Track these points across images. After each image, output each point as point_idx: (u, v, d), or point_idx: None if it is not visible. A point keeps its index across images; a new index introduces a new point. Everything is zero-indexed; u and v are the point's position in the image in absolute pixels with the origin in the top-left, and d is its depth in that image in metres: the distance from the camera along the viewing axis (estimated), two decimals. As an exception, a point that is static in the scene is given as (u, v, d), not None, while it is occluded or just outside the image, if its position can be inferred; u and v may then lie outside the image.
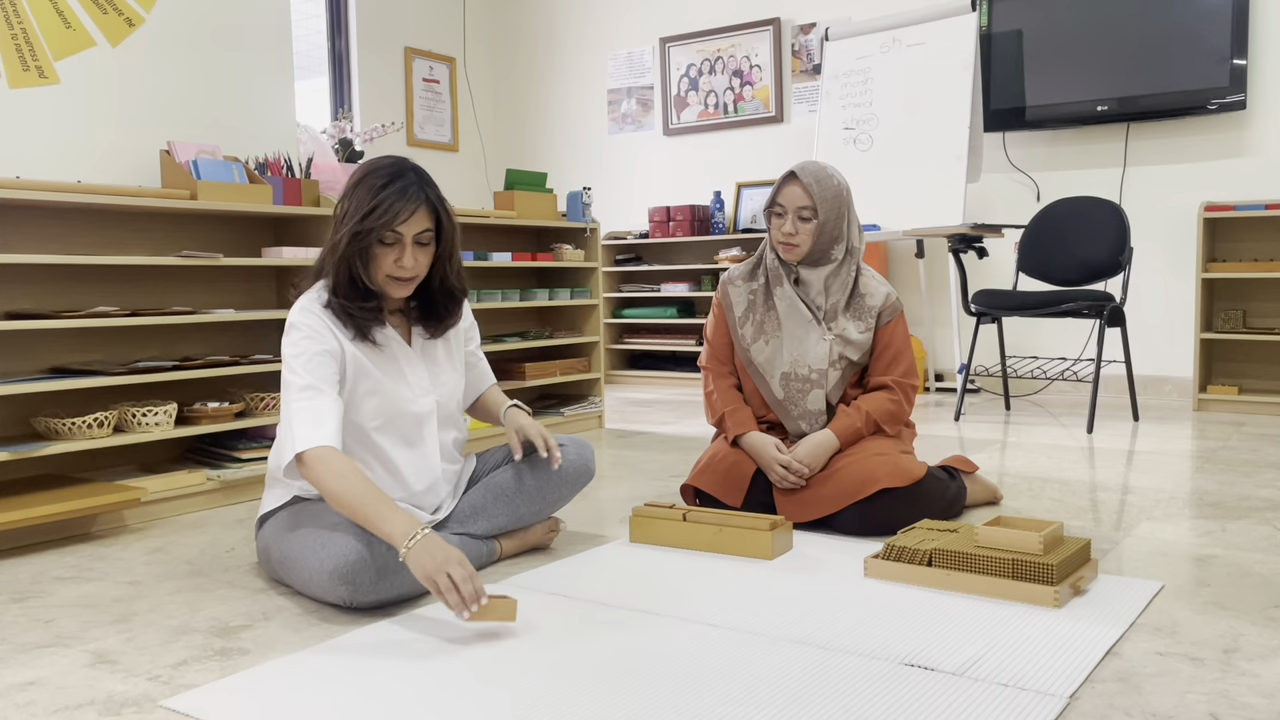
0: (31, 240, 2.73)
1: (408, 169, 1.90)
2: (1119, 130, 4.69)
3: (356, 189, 1.89)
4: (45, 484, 2.53)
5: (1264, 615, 1.72)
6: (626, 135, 6.20)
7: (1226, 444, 3.45)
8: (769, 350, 2.48)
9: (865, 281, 2.52)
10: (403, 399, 1.99)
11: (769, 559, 2.08)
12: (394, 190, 1.85)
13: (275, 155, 3.26)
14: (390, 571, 1.77)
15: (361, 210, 1.85)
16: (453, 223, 1.97)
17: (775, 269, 2.49)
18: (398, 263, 1.88)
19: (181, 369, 2.77)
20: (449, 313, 2.05)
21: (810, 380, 2.45)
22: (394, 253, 1.88)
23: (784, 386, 2.47)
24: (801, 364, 2.45)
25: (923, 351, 5.13)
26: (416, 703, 1.42)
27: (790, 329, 2.47)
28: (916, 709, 1.36)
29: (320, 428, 1.80)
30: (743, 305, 2.53)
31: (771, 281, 2.50)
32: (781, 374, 2.47)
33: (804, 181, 2.40)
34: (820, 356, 2.44)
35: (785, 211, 2.42)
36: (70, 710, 1.43)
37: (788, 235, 2.41)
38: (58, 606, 1.91)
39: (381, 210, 1.84)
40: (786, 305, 2.47)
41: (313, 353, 1.87)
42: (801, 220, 2.40)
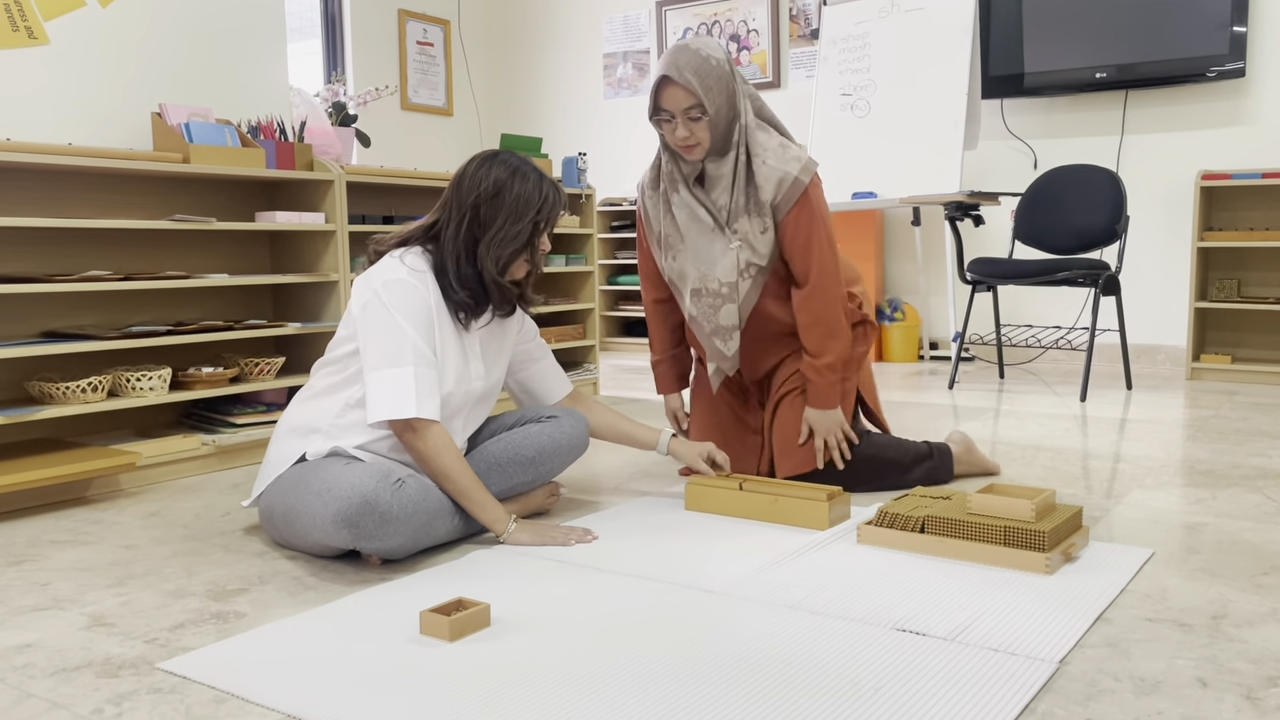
0: (22, 203, 2.71)
1: (543, 174, 2.05)
2: (1117, 98, 4.67)
3: (514, 181, 1.99)
4: (40, 448, 2.53)
5: (1253, 582, 1.73)
6: (622, 100, 6.16)
7: (1219, 413, 3.46)
8: (677, 265, 2.31)
9: (759, 167, 2.22)
10: (460, 377, 2.04)
11: (824, 529, 2.08)
12: (549, 182, 2.03)
13: (268, 118, 3.23)
14: (392, 518, 1.79)
15: (535, 204, 2.00)
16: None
17: (669, 172, 2.27)
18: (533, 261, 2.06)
19: (175, 334, 2.76)
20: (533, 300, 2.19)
21: (721, 295, 2.26)
22: (543, 239, 2.05)
23: (695, 303, 2.31)
24: (710, 278, 2.26)
25: (917, 319, 5.14)
26: (413, 665, 1.43)
27: (692, 240, 2.27)
28: (908, 673, 1.37)
29: (435, 399, 1.92)
30: (656, 215, 2.36)
31: (667, 187, 2.28)
32: (692, 290, 2.30)
33: (681, 81, 2.14)
34: (728, 268, 2.23)
35: (673, 116, 2.18)
36: (67, 672, 1.44)
37: (683, 140, 2.19)
38: (54, 570, 1.92)
39: (552, 200, 2.02)
40: (686, 214, 2.27)
41: (426, 322, 1.95)
42: (693, 120, 2.17)
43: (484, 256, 2.00)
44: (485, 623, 1.57)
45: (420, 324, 1.94)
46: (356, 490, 1.77)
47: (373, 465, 1.86)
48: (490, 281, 2.02)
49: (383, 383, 1.90)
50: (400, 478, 1.85)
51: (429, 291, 1.98)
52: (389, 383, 1.89)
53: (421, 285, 1.97)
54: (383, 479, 1.80)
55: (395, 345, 1.90)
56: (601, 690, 1.34)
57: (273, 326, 2.94)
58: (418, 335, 1.92)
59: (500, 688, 1.35)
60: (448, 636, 1.51)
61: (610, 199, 5.99)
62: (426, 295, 1.97)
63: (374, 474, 1.80)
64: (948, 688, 1.33)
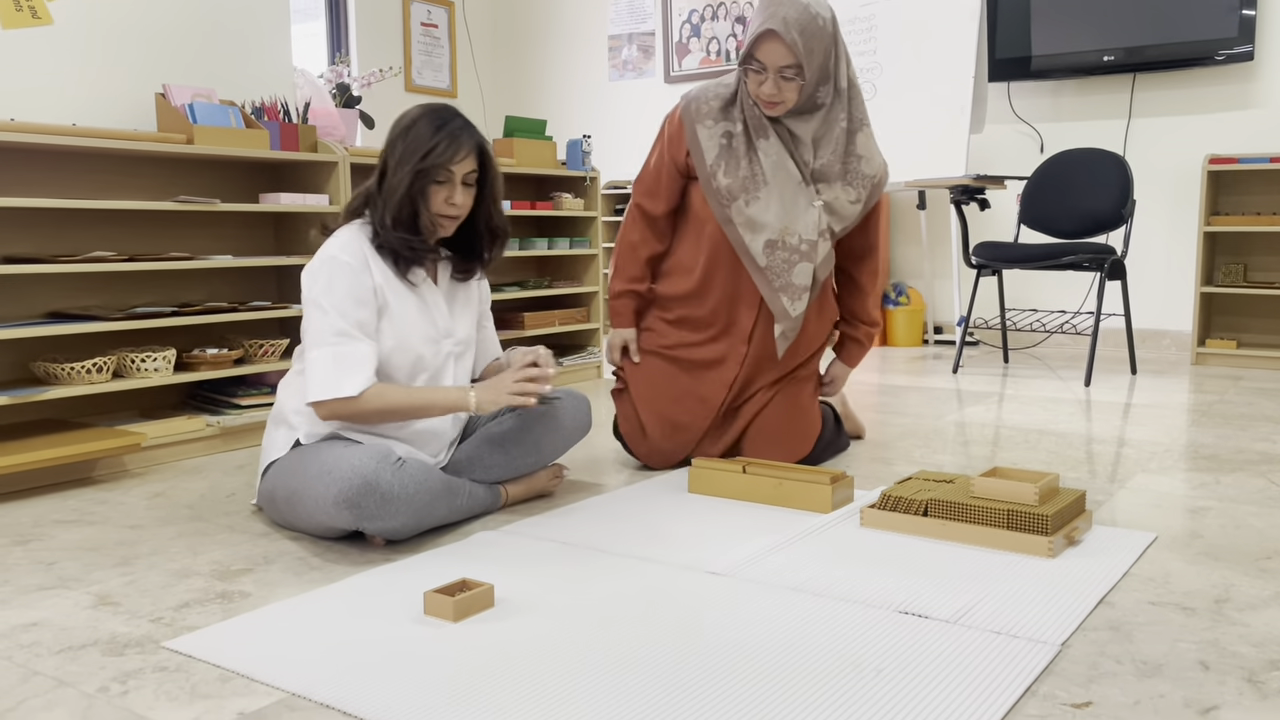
0: (26, 183, 2.71)
1: (456, 113, 2.00)
2: (1125, 81, 4.64)
3: (411, 130, 1.95)
4: (45, 429, 2.53)
5: (1256, 566, 1.73)
6: (627, 82, 6.13)
7: (1223, 398, 3.46)
8: (751, 211, 2.20)
9: (863, 142, 2.23)
10: (428, 337, 2.04)
11: (827, 512, 2.08)
12: (449, 131, 1.95)
13: (272, 100, 3.23)
14: (393, 497, 1.79)
15: (421, 149, 1.93)
16: (495, 165, 2.05)
17: (757, 118, 2.21)
18: (448, 201, 1.97)
19: (180, 315, 2.76)
20: (493, 251, 2.13)
21: (800, 251, 2.21)
22: (445, 191, 1.96)
23: (769, 254, 2.22)
24: (791, 232, 2.19)
25: (921, 304, 5.13)
26: (417, 645, 1.43)
27: (779, 189, 2.19)
28: (910, 655, 1.38)
29: (354, 374, 1.89)
30: (714, 150, 2.23)
31: (753, 130, 2.21)
32: (767, 240, 2.21)
33: (787, 40, 2.07)
34: (810, 225, 2.19)
35: (765, 70, 2.11)
36: (73, 651, 1.45)
37: (769, 96, 2.14)
38: (60, 549, 1.93)
39: (441, 149, 1.93)
40: (773, 162, 2.19)
41: (354, 297, 1.93)
42: (785, 80, 2.12)
43: (379, 206, 1.98)
44: (489, 603, 1.58)
45: (340, 299, 1.91)
46: (357, 471, 1.77)
47: (372, 446, 1.87)
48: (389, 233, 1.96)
49: (308, 367, 1.92)
50: (400, 457, 1.86)
51: (357, 260, 1.95)
52: (311, 366, 1.91)
53: (348, 256, 1.94)
54: (383, 459, 1.81)
55: (314, 328, 1.92)
56: (604, 671, 1.34)
57: (277, 308, 2.94)
58: (337, 314, 1.90)
59: (504, 668, 1.36)
60: (452, 617, 1.52)
61: (614, 182, 5.98)
62: (352, 266, 1.93)
63: (374, 454, 1.81)
64: (950, 670, 1.33)
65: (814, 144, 2.22)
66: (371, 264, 1.98)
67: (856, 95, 2.28)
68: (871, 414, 3.23)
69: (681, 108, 2.32)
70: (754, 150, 2.22)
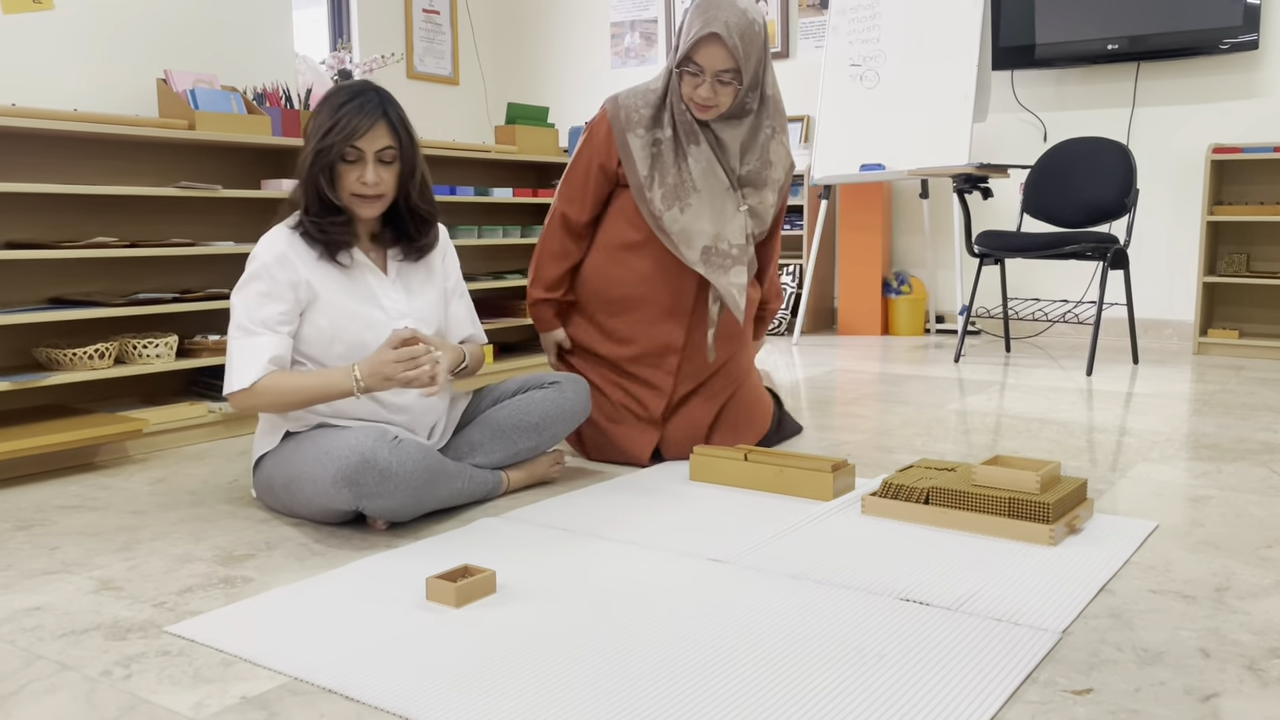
0: (28, 169, 2.70)
1: (370, 89, 1.93)
2: (1128, 70, 4.63)
3: (319, 110, 1.93)
4: (48, 414, 2.53)
5: (1257, 555, 1.74)
6: (630, 70, 6.11)
7: (1225, 387, 3.46)
8: (685, 219, 2.21)
9: (775, 148, 2.28)
10: (371, 322, 1.99)
11: (829, 500, 2.08)
12: (354, 106, 1.89)
13: (273, 86, 3.22)
14: (392, 474, 1.79)
15: (323, 127, 1.89)
16: (414, 141, 1.98)
17: (688, 124, 2.21)
18: (360, 180, 1.91)
19: (182, 301, 2.76)
20: (420, 234, 2.06)
21: (732, 256, 2.24)
22: (357, 170, 1.91)
23: (705, 261, 2.23)
24: (722, 238, 2.22)
25: (924, 293, 5.12)
26: (419, 630, 1.44)
27: (709, 195, 2.21)
28: (911, 642, 1.38)
29: (249, 369, 1.89)
30: (646, 160, 2.23)
31: (684, 137, 2.21)
32: (703, 248, 2.22)
33: (729, 44, 2.09)
34: (738, 230, 2.23)
35: (702, 73, 2.12)
36: (76, 635, 1.45)
37: (705, 99, 2.15)
38: (62, 534, 1.93)
39: (341, 126, 1.88)
40: (703, 168, 2.20)
41: (263, 294, 1.92)
42: (721, 84, 2.13)
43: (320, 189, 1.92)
44: (491, 589, 1.58)
45: (247, 297, 1.92)
46: (354, 449, 1.78)
47: (369, 426, 1.87)
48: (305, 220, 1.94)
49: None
50: (397, 435, 1.86)
51: (274, 256, 1.93)
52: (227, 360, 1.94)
53: (265, 253, 1.93)
54: (380, 437, 1.81)
55: (231, 323, 1.94)
56: (605, 656, 1.34)
57: (279, 295, 2.94)
58: (242, 311, 1.92)
59: (505, 653, 1.36)
60: (454, 602, 1.52)
61: (617, 170, 5.97)
62: (267, 263, 1.92)
63: (371, 433, 1.82)
64: (951, 656, 1.33)
65: (741, 151, 2.24)
66: (295, 256, 1.95)
67: (778, 103, 2.31)
68: (873, 403, 3.23)
69: (610, 114, 2.28)
70: (683, 157, 2.22)
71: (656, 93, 2.27)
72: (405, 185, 2.00)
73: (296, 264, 1.94)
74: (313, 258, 1.96)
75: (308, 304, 1.96)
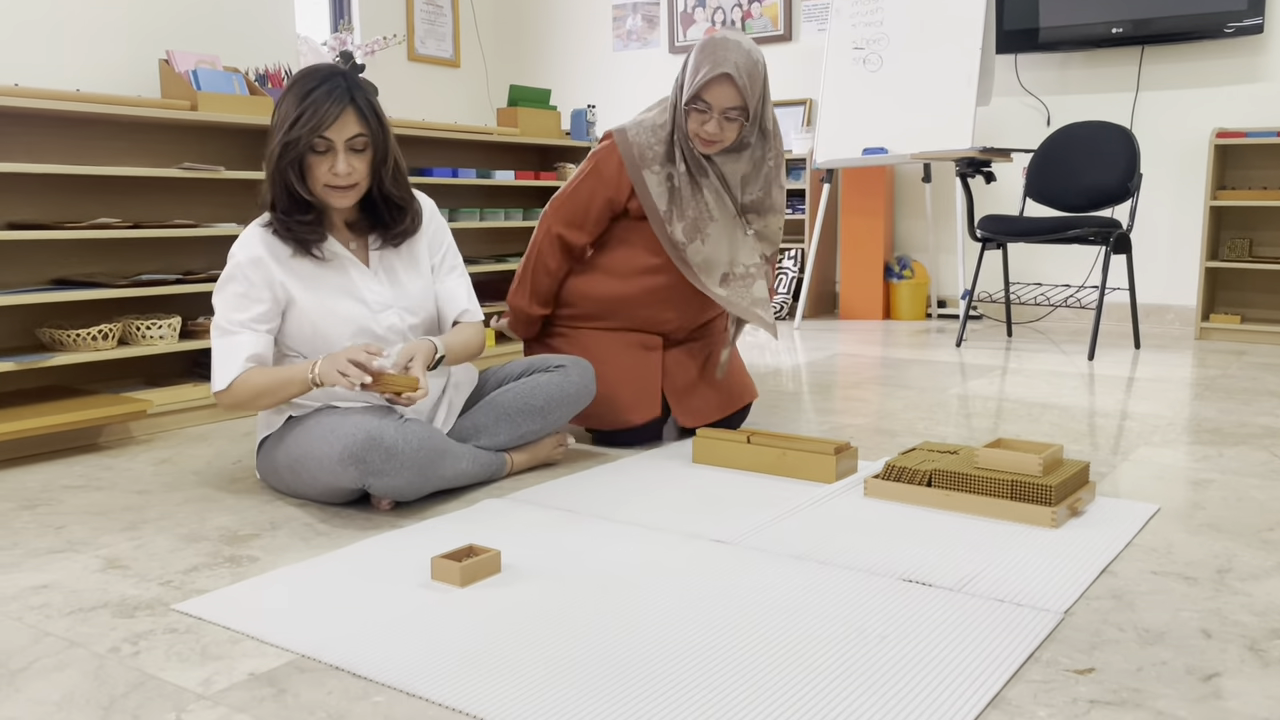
0: (31, 150, 2.70)
1: (337, 74, 1.86)
2: (1133, 53, 4.61)
3: (285, 98, 1.85)
4: (52, 395, 2.54)
5: (1258, 538, 1.74)
6: (631, 52, 6.09)
7: (1226, 372, 3.46)
8: (706, 250, 2.33)
9: (777, 175, 2.41)
10: (356, 315, 1.96)
11: (831, 482, 2.09)
12: (320, 94, 1.82)
13: (275, 67, 3.21)
14: (398, 452, 1.80)
15: (289, 118, 1.82)
16: (384, 126, 1.92)
17: (695, 158, 2.32)
18: (332, 170, 1.85)
19: (185, 283, 2.76)
20: (396, 220, 2.00)
21: (750, 275, 2.39)
22: (328, 160, 1.85)
23: (725, 286, 2.37)
24: (738, 263, 2.37)
25: (925, 278, 5.12)
26: (424, 609, 1.45)
27: (723, 224, 2.35)
28: (914, 622, 1.39)
29: (231, 366, 1.89)
30: (664, 196, 2.32)
31: (694, 171, 2.32)
32: (722, 275, 2.36)
33: (739, 83, 2.20)
34: (750, 252, 2.39)
35: (710, 109, 2.23)
36: (84, 612, 1.46)
37: (711, 135, 2.26)
38: (68, 514, 1.94)
39: (308, 116, 1.81)
40: (715, 198, 2.33)
41: (240, 294, 1.90)
42: (728, 120, 2.25)
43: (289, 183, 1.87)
44: (495, 569, 1.59)
45: (225, 299, 1.91)
46: (361, 427, 1.79)
47: (373, 407, 1.88)
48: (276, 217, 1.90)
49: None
50: (402, 414, 1.87)
51: (249, 257, 1.90)
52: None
53: (241, 253, 1.91)
54: (385, 415, 1.82)
55: (211, 324, 1.93)
56: (609, 635, 1.35)
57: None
58: (220, 313, 1.91)
59: (510, 631, 1.37)
60: (458, 582, 1.53)
61: (618, 153, 5.95)
62: (242, 264, 1.90)
63: (376, 412, 1.84)
64: (954, 636, 1.34)
65: (743, 182, 2.37)
66: (270, 257, 1.91)
67: (778, 136, 2.42)
68: (875, 387, 3.24)
69: (621, 149, 2.33)
70: (698, 189, 2.33)
71: (665, 129, 2.34)
72: (378, 172, 1.93)
73: (272, 265, 1.91)
74: (288, 255, 1.93)
75: (286, 303, 1.94)
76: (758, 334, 4.57)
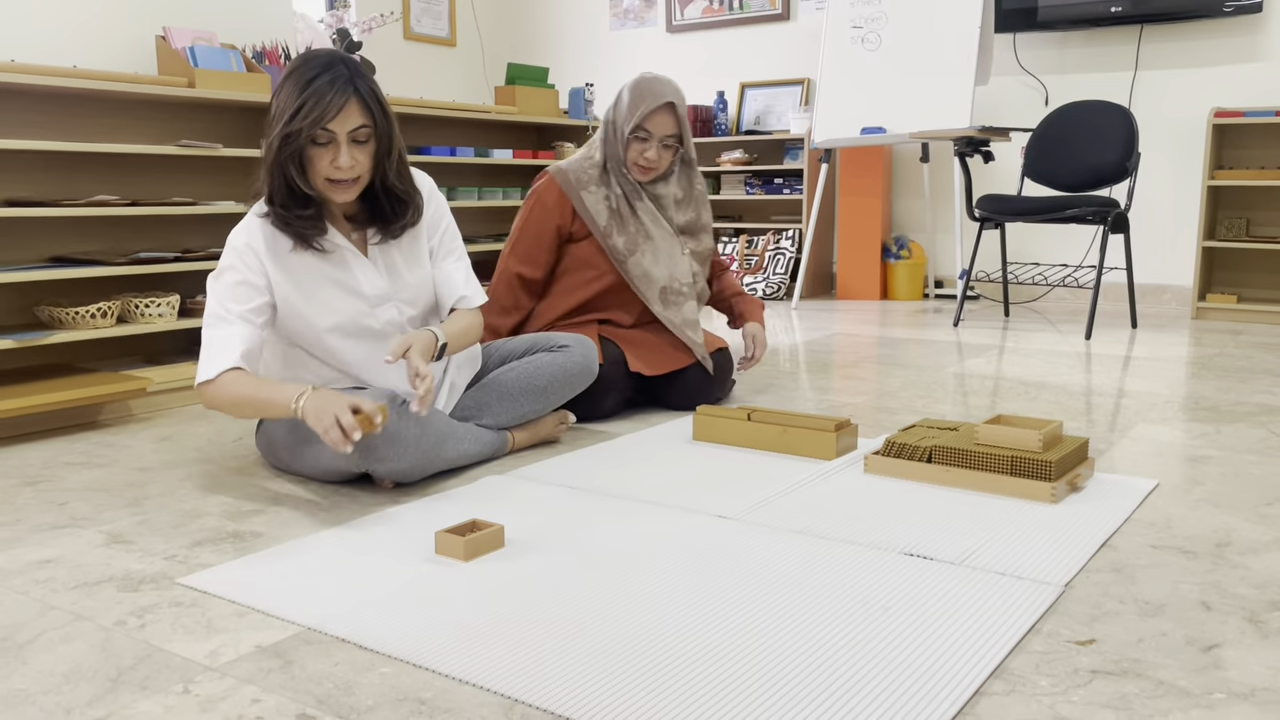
0: (27, 126, 2.69)
1: (338, 61, 1.77)
2: (1131, 33, 4.60)
3: (284, 86, 1.76)
4: (51, 373, 2.54)
5: (1256, 513, 1.76)
6: (629, 31, 6.07)
7: (1223, 351, 3.47)
8: (645, 263, 2.51)
9: (701, 197, 2.62)
10: (355, 309, 1.92)
11: (831, 459, 2.10)
12: (322, 84, 1.72)
13: (272, 44, 3.19)
14: (400, 438, 1.81)
15: (290, 109, 1.72)
16: (389, 118, 1.84)
17: (630, 185, 2.51)
18: (334, 164, 1.77)
19: (183, 261, 2.75)
20: (397, 214, 1.92)
21: (683, 293, 2.55)
22: (329, 153, 1.76)
23: (663, 300, 2.54)
24: (674, 279, 2.53)
25: (923, 258, 5.12)
26: (429, 583, 1.45)
27: (660, 242, 2.52)
28: (916, 594, 1.40)
29: (223, 357, 1.78)
30: (604, 213, 2.50)
31: (629, 194, 2.52)
32: (660, 289, 2.53)
33: (679, 113, 2.44)
34: (685, 270, 2.55)
35: (650, 138, 2.44)
36: (89, 586, 1.46)
37: (650, 161, 2.46)
38: (70, 490, 1.94)
39: (309, 107, 1.71)
40: (650, 219, 2.52)
41: (232, 282, 1.82)
42: (665, 148, 2.47)
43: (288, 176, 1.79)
44: (499, 543, 1.59)
45: (226, 285, 1.83)
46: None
47: (375, 390, 1.87)
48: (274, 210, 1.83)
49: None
50: (404, 399, 1.86)
51: (249, 250, 1.84)
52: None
53: (246, 238, 1.85)
54: (388, 400, 1.81)
55: (205, 311, 1.84)
56: (613, 608, 1.36)
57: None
58: (217, 298, 1.82)
59: (516, 605, 1.37)
60: (463, 556, 1.53)
61: (615, 133, 5.93)
62: (239, 242, 1.84)
63: (379, 397, 1.82)
64: (956, 608, 1.35)
65: (676, 205, 2.57)
66: (267, 251, 1.85)
67: (697, 165, 2.64)
68: (873, 366, 3.24)
69: (559, 180, 2.51)
70: (635, 212, 2.52)
71: (595, 160, 2.53)
72: (382, 165, 1.85)
73: (269, 259, 1.85)
74: (287, 248, 1.86)
75: (283, 298, 1.88)
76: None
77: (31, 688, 1.17)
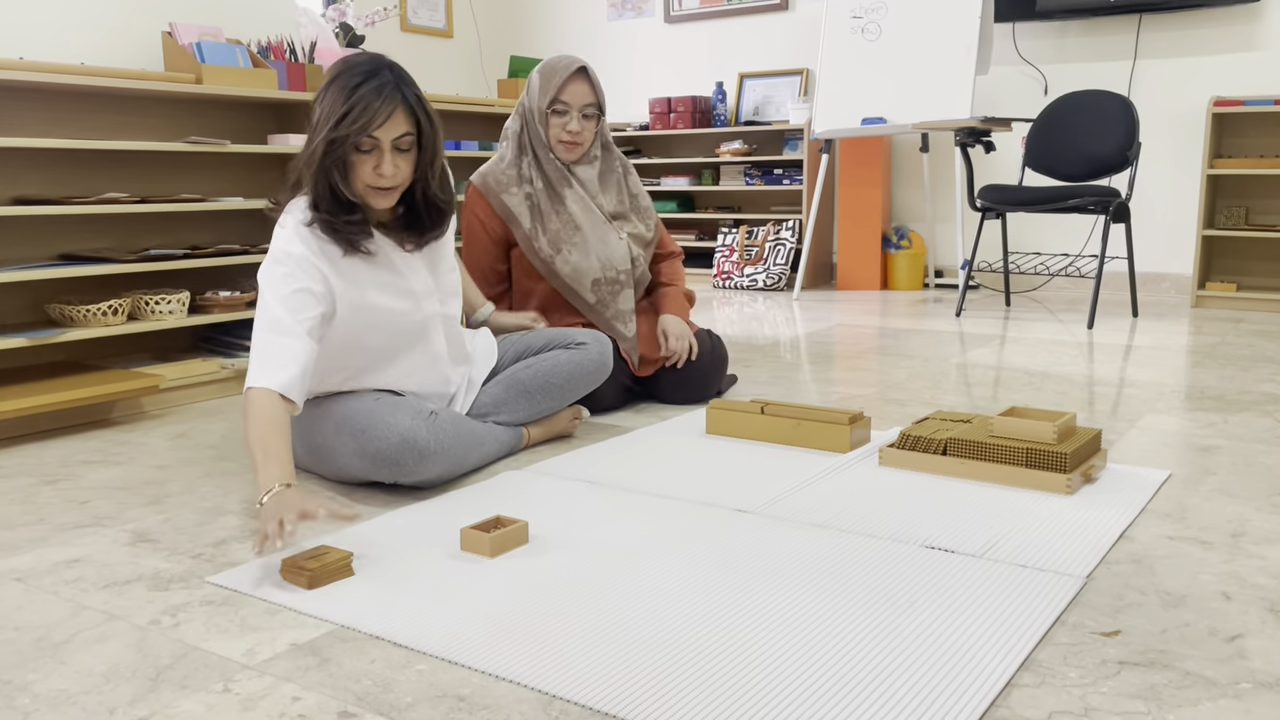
0: (36, 124, 2.68)
1: (384, 66, 1.76)
2: (1130, 22, 4.61)
3: (329, 90, 1.74)
4: (63, 371, 2.54)
5: (1269, 502, 1.78)
6: (626, 22, 6.06)
7: (1224, 340, 3.50)
8: (575, 258, 2.42)
9: (634, 182, 2.57)
10: (398, 309, 1.90)
11: (846, 452, 2.11)
12: (369, 90, 1.71)
13: (277, 39, 3.19)
14: (430, 453, 1.81)
15: (335, 115, 1.71)
16: (435, 126, 1.82)
17: (558, 170, 2.44)
18: (377, 170, 1.75)
19: (192, 257, 2.76)
20: (434, 225, 1.91)
21: (619, 281, 2.48)
22: (372, 160, 1.75)
23: (596, 291, 2.46)
24: (610, 266, 2.45)
25: (923, 248, 5.14)
26: (458, 579, 1.47)
27: (591, 230, 2.44)
28: (941, 587, 1.41)
29: (278, 372, 1.69)
30: (526, 214, 2.42)
31: (555, 183, 2.43)
32: (593, 280, 2.45)
33: (592, 79, 2.39)
34: (623, 256, 2.47)
35: (569, 109, 2.38)
36: (119, 585, 1.47)
37: (574, 134, 2.40)
38: (90, 489, 1.95)
39: (356, 114, 1.70)
40: (581, 206, 2.43)
41: (291, 290, 1.75)
42: (585, 118, 2.41)
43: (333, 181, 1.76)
44: (524, 539, 1.61)
45: (280, 288, 1.74)
46: (394, 430, 1.78)
47: (403, 401, 1.86)
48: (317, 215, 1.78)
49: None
50: (433, 410, 1.86)
51: (305, 257, 1.77)
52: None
53: (293, 254, 1.76)
54: (417, 415, 1.81)
55: (258, 318, 1.76)
56: (641, 602, 1.37)
57: (288, 250, 2.94)
58: (280, 301, 1.73)
59: (543, 600, 1.39)
60: (488, 552, 1.55)
61: (614, 124, 5.93)
62: (296, 250, 1.77)
63: (407, 410, 1.81)
64: (981, 601, 1.37)
65: (603, 189, 2.51)
66: (317, 259, 1.78)
67: (615, 147, 2.58)
68: (876, 357, 3.26)
69: (480, 186, 2.47)
70: (559, 200, 2.45)
71: (510, 160, 2.47)
72: (424, 174, 1.83)
73: (322, 267, 1.80)
74: (337, 254, 1.82)
75: (348, 304, 1.84)
76: (755, 304, 4.59)
77: (72, 688, 1.18)
